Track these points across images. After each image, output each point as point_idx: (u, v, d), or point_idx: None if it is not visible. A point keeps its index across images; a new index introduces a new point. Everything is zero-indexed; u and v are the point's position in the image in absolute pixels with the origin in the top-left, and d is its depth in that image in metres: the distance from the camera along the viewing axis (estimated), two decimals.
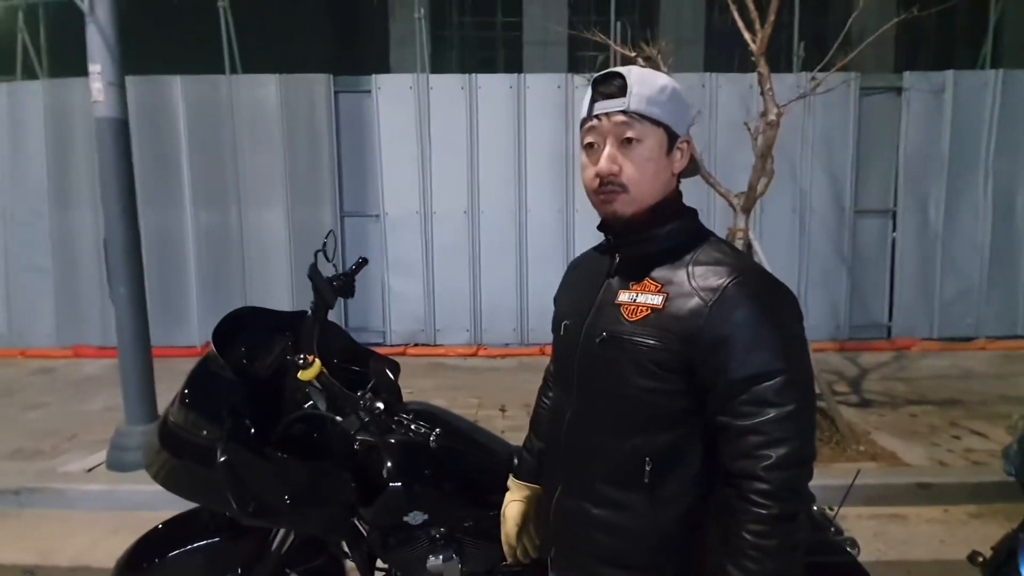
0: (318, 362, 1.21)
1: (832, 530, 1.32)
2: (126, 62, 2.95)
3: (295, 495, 1.14)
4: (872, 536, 2.51)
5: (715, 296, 0.85)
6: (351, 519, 1.29)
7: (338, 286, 1.44)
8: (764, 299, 0.86)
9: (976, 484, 2.83)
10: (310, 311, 1.41)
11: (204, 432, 1.16)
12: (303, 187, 5.31)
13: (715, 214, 4.50)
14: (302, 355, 1.22)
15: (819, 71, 3.41)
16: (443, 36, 8.98)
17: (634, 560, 0.92)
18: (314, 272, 1.40)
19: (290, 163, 5.28)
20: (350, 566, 1.48)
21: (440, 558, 1.33)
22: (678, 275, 0.89)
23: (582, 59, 7.52)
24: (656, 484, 0.89)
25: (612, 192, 0.91)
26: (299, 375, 1.20)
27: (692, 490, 0.89)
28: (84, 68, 2.87)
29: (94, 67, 2.79)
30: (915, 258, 5.52)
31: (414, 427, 1.14)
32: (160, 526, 1.42)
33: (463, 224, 5.41)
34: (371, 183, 5.38)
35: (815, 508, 1.29)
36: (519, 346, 5.46)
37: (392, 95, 5.28)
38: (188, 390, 1.22)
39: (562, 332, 1.03)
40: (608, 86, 0.90)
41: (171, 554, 1.36)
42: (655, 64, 3.43)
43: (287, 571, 1.40)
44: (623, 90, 0.89)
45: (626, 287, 0.93)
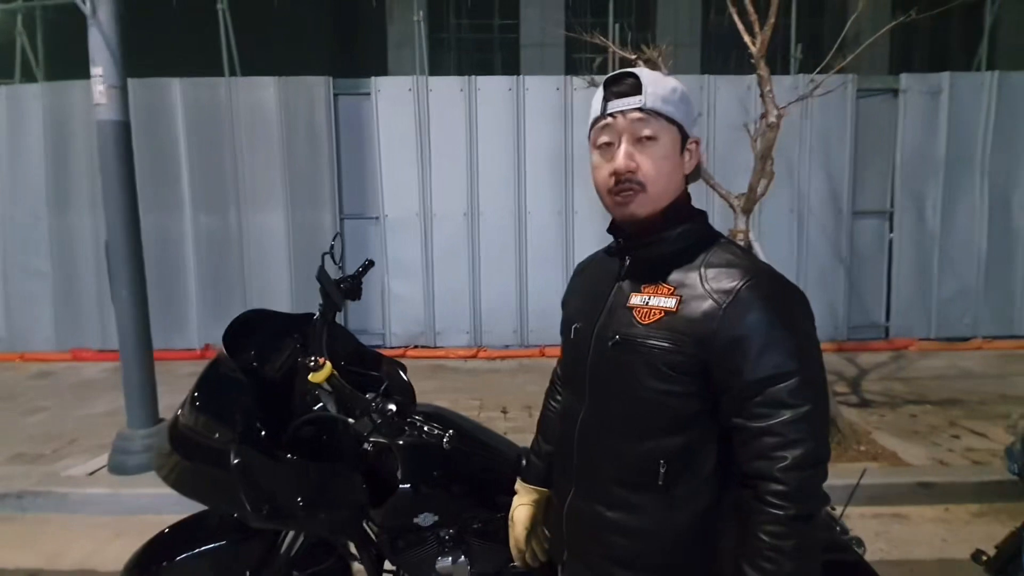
0: (328, 364, 1.21)
1: (838, 529, 1.33)
2: (126, 65, 2.95)
3: (308, 497, 1.14)
4: (875, 535, 2.52)
5: (729, 298, 0.85)
6: (363, 521, 1.29)
7: (345, 288, 1.44)
8: (777, 301, 0.86)
9: (977, 483, 2.85)
10: (318, 313, 1.41)
11: (216, 434, 1.16)
12: (303, 190, 5.31)
13: (714, 215, 4.48)
14: (312, 357, 1.22)
15: (818, 73, 3.43)
16: (440, 38, 8.99)
17: (649, 562, 0.92)
18: (322, 274, 1.40)
19: (289, 165, 5.28)
20: (358, 568, 1.48)
21: (449, 559, 1.34)
22: (690, 277, 0.89)
23: (579, 61, 7.54)
24: (671, 486, 0.89)
25: (630, 192, 0.90)
26: (310, 377, 1.20)
27: (706, 491, 0.89)
28: (82, 71, 2.87)
29: (96, 70, 2.78)
30: (912, 259, 5.55)
31: (427, 428, 1.14)
32: (167, 530, 1.41)
33: (463, 226, 5.41)
34: (371, 185, 5.39)
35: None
36: (519, 348, 5.46)
37: (391, 97, 5.29)
38: (199, 392, 1.22)
39: (572, 335, 1.02)
40: (621, 85, 0.90)
41: (179, 558, 1.36)
42: (656, 66, 3.45)
43: (295, 574, 1.40)
44: (637, 88, 0.89)
45: (638, 290, 0.93)
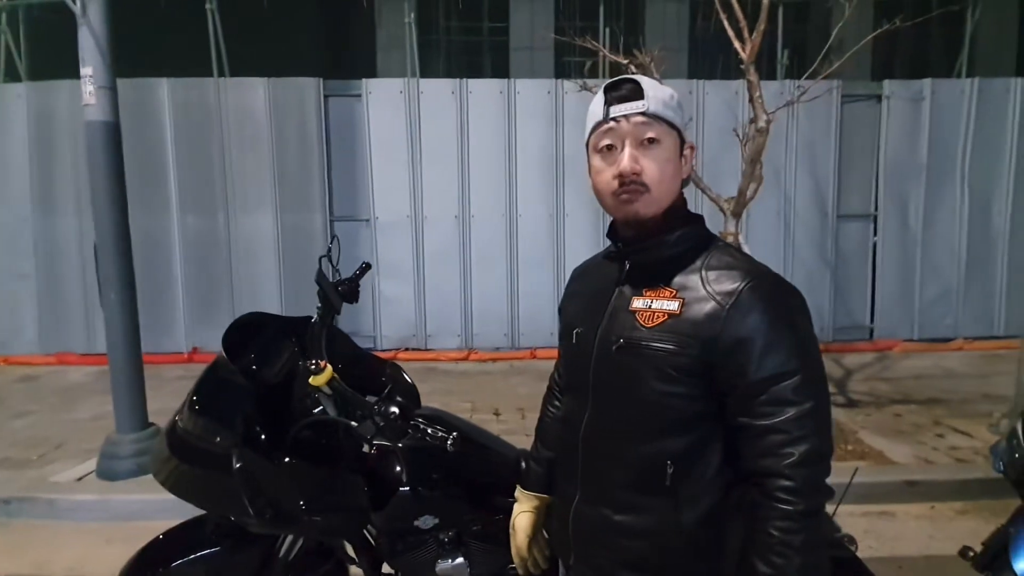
0: (329, 367, 1.22)
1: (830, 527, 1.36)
2: (116, 66, 2.92)
3: (311, 501, 1.14)
4: (863, 533, 2.56)
5: (731, 300, 0.87)
6: (365, 524, 1.30)
7: (343, 291, 1.44)
8: (777, 302, 0.88)
9: (961, 481, 2.91)
10: (316, 316, 1.41)
11: (217, 438, 1.16)
12: (292, 191, 5.28)
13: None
14: (313, 360, 1.22)
15: (805, 79, 3.49)
16: (430, 41, 8.99)
17: (658, 563, 0.93)
18: (321, 277, 1.40)
19: (279, 167, 5.24)
20: (355, 572, 1.48)
21: (449, 562, 1.34)
22: (692, 280, 0.91)
23: (569, 65, 7.59)
24: (678, 486, 0.90)
25: (634, 191, 0.92)
26: (311, 380, 1.20)
27: (712, 490, 0.91)
28: (68, 70, 2.83)
29: (86, 70, 2.75)
30: (896, 261, 5.66)
31: (431, 431, 1.14)
32: (161, 536, 1.39)
33: (454, 228, 5.42)
34: (361, 187, 5.37)
35: None
36: (510, 350, 5.47)
37: (382, 99, 5.28)
38: (198, 396, 1.21)
39: (574, 340, 1.03)
40: (622, 90, 0.93)
41: (174, 564, 1.34)
42: (647, 71, 3.49)
43: None
44: (639, 93, 0.91)
45: (639, 293, 0.94)
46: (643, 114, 0.91)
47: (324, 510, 1.16)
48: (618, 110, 0.92)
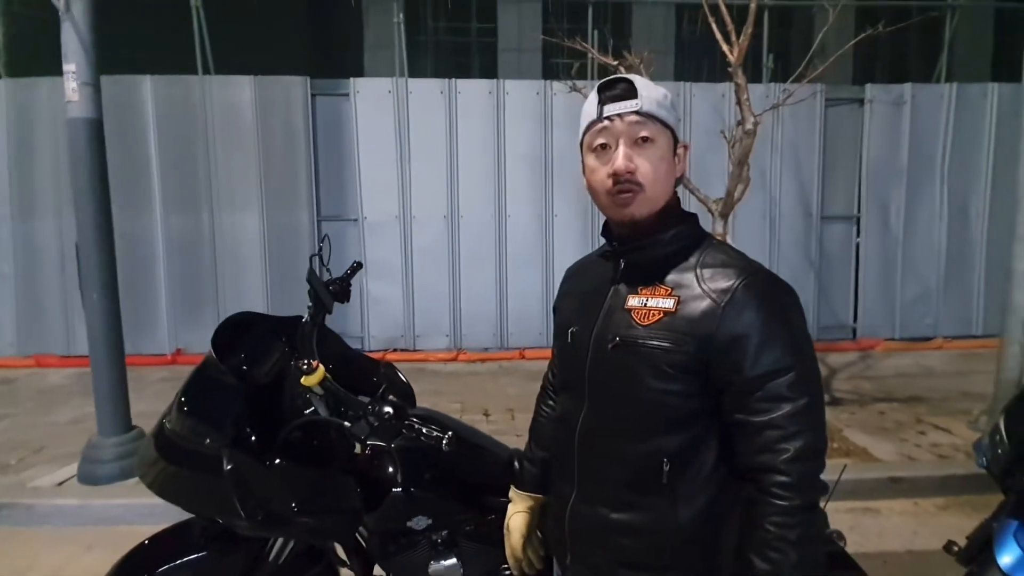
0: (321, 367, 1.20)
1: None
2: (98, 62, 2.86)
3: (302, 503, 1.12)
4: (849, 529, 2.56)
5: (727, 297, 0.87)
6: (358, 525, 1.28)
7: (334, 291, 1.43)
8: (772, 298, 0.89)
9: (943, 477, 2.97)
10: (307, 316, 1.39)
11: (207, 440, 1.14)
12: (279, 191, 5.22)
13: None
14: (305, 360, 1.20)
15: (791, 82, 3.54)
16: (418, 41, 8.95)
17: (656, 561, 0.93)
18: (312, 276, 1.38)
19: (265, 166, 5.18)
20: (346, 574, 1.46)
21: (442, 562, 1.33)
22: (687, 278, 0.92)
23: (557, 66, 7.62)
24: (675, 484, 0.90)
25: (629, 193, 0.91)
26: (303, 380, 1.18)
27: (709, 487, 0.91)
28: (48, 67, 2.77)
29: (68, 66, 2.69)
30: (878, 262, 5.76)
31: (425, 431, 1.13)
32: (146, 541, 1.36)
33: (442, 228, 5.40)
34: (349, 187, 5.33)
35: None
36: (499, 350, 5.47)
37: (370, 99, 5.25)
38: (187, 397, 1.19)
39: (569, 339, 1.03)
40: (616, 89, 0.93)
41: (160, 570, 1.31)
42: (636, 73, 3.51)
43: None
44: (632, 93, 0.92)
45: (635, 292, 0.94)
46: (637, 113, 0.91)
47: (316, 512, 1.15)
48: (612, 109, 0.92)
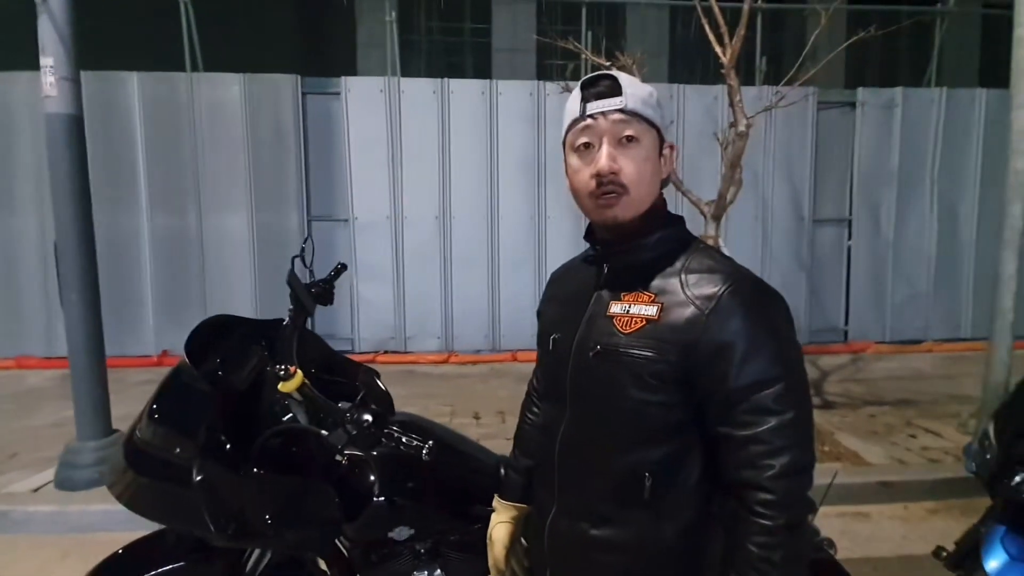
0: (300, 373, 1.16)
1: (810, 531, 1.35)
2: (79, 56, 2.79)
3: (277, 514, 1.08)
4: (839, 534, 2.56)
5: (711, 304, 0.83)
6: (335, 536, 1.24)
7: (316, 293, 1.39)
8: (758, 306, 0.86)
9: (933, 481, 2.96)
10: (288, 319, 1.35)
11: (177, 449, 1.09)
12: (268, 190, 5.16)
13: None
14: (282, 366, 1.16)
15: (783, 85, 3.54)
16: (411, 40, 8.91)
17: None
18: (293, 278, 1.34)
19: (254, 165, 5.12)
20: None
21: (426, 573, 1.29)
22: (671, 284, 0.88)
23: (551, 67, 7.60)
24: (657, 499, 0.87)
25: (612, 194, 0.88)
26: (280, 386, 1.15)
27: (692, 502, 0.88)
28: (26, 62, 2.70)
29: (46, 60, 2.62)
30: (869, 265, 5.78)
31: (405, 440, 1.09)
32: (121, 550, 1.32)
33: (434, 229, 5.36)
34: (340, 187, 5.27)
35: None
36: (490, 352, 5.43)
37: (362, 98, 5.20)
38: (158, 404, 1.14)
39: (551, 346, 0.99)
40: (599, 86, 0.89)
41: None
42: (630, 73, 3.48)
43: None
44: (616, 90, 0.88)
45: (617, 298, 0.91)
46: (621, 111, 0.87)
47: (291, 524, 1.10)
48: (595, 107, 0.88)
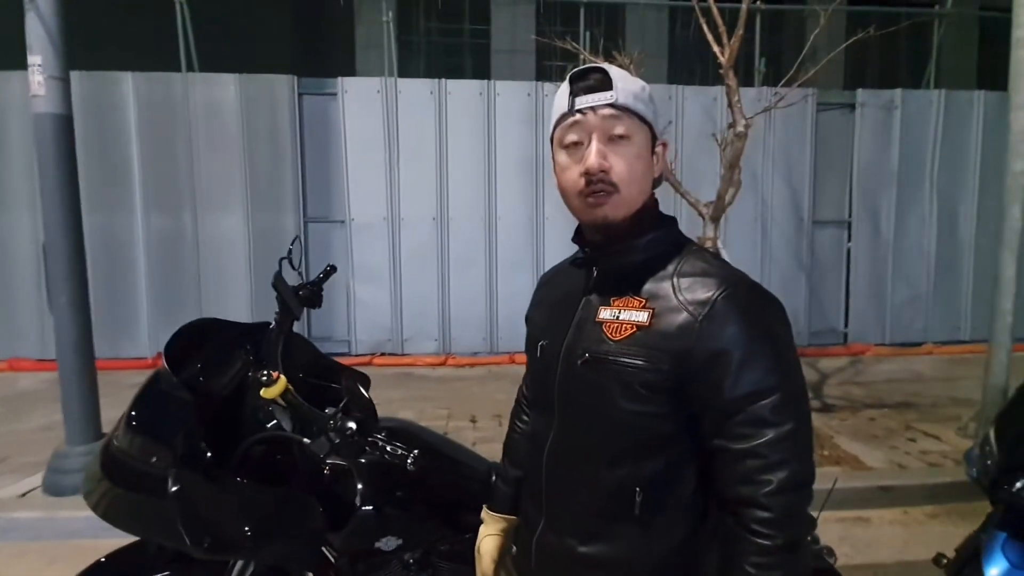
0: (283, 379, 1.12)
1: (809, 539, 1.32)
2: (71, 55, 2.76)
3: (257, 526, 1.04)
4: (839, 540, 2.55)
5: (705, 310, 0.79)
6: (320, 547, 1.20)
7: (304, 296, 1.35)
8: (755, 311, 0.81)
9: (933, 485, 2.93)
10: (274, 322, 1.31)
11: (153, 458, 1.05)
12: (264, 191, 5.12)
13: (681, 223, 4.50)
14: (265, 371, 1.13)
15: (782, 86, 3.51)
16: (409, 41, 8.88)
17: None
18: (279, 281, 1.31)
19: (250, 166, 5.08)
20: None
21: None
22: (663, 288, 0.83)
23: (550, 68, 7.57)
24: (648, 515, 0.83)
25: (602, 193, 0.84)
26: (262, 393, 1.11)
27: (685, 518, 0.84)
28: (19, 61, 2.67)
29: (34, 59, 2.59)
30: (868, 267, 5.75)
31: (390, 448, 1.06)
32: (103, 559, 1.28)
33: (431, 231, 5.32)
34: (336, 188, 5.24)
35: None
36: (488, 355, 5.39)
37: (359, 98, 5.17)
38: (136, 411, 1.10)
39: (539, 353, 0.95)
40: (589, 80, 0.84)
41: None
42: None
43: None
44: (607, 84, 0.83)
45: (607, 303, 0.86)
46: (611, 106, 0.82)
47: (271, 536, 1.06)
48: (584, 101, 0.83)
